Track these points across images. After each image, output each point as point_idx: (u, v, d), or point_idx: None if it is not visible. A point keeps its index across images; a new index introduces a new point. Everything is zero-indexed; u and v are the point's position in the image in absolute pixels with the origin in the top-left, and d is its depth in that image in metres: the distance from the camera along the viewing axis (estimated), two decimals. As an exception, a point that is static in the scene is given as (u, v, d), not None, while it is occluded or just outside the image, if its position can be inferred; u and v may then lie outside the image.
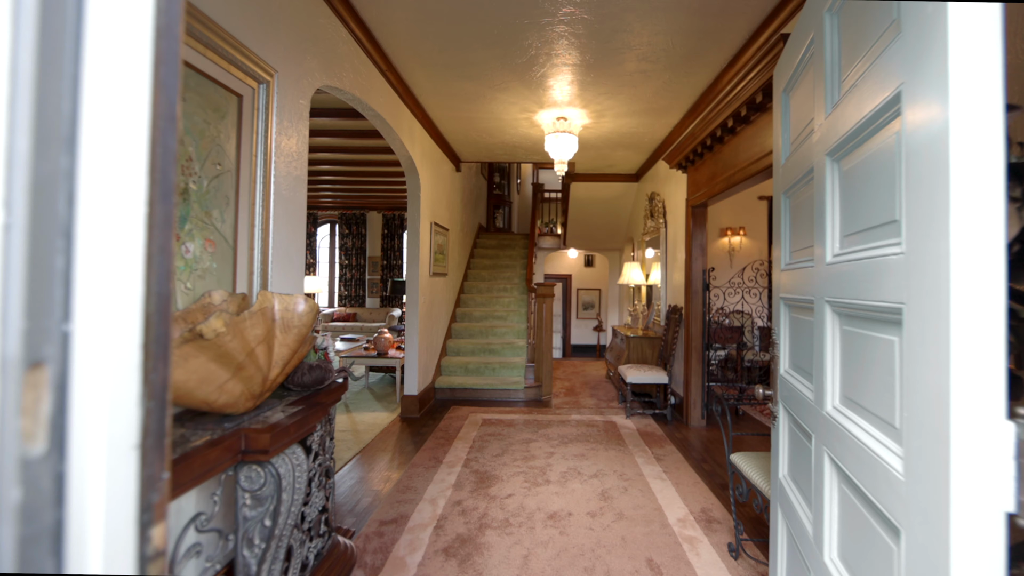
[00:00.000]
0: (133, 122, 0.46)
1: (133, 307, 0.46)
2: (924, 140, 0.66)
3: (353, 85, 2.82)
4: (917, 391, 0.68)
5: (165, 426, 0.49)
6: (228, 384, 1.24)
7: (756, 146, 3.01)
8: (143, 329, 0.46)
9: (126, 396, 0.45)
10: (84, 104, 0.43)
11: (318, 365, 1.74)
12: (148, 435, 0.47)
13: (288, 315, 1.39)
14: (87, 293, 0.42)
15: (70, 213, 0.43)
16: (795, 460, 1.39)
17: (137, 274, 0.46)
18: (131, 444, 0.45)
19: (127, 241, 0.45)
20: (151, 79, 0.48)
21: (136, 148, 0.47)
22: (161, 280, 0.49)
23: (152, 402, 0.48)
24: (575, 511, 2.52)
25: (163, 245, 0.50)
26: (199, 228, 1.52)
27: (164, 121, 0.49)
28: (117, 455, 0.44)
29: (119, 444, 0.44)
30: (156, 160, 0.49)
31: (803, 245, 1.34)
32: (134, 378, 0.46)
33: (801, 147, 1.34)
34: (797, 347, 1.38)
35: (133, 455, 0.45)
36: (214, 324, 1.12)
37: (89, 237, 0.43)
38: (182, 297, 1.45)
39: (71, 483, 0.41)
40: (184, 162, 1.46)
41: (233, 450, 1.24)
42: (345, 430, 3.88)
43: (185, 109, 1.46)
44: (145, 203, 0.47)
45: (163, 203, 0.50)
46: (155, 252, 0.48)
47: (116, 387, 0.44)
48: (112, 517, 0.43)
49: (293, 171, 2.13)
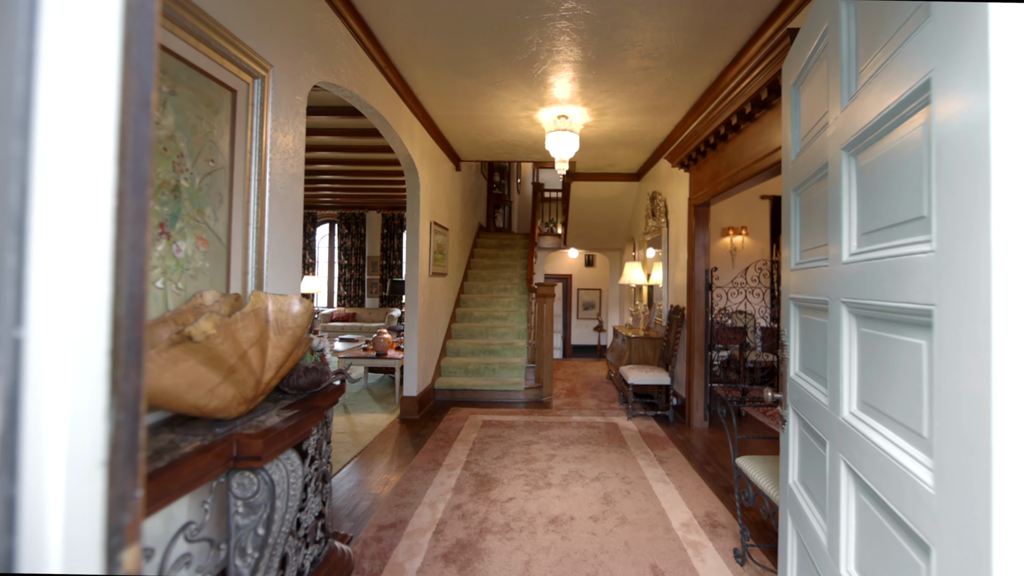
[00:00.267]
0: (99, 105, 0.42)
1: (98, 310, 0.41)
2: (959, 129, 0.62)
3: (351, 82, 2.77)
4: (950, 399, 0.63)
5: (139, 439, 0.45)
6: (219, 388, 1.20)
7: (761, 144, 2.97)
8: (111, 334, 0.42)
9: (91, 409, 0.41)
10: (41, 83, 0.38)
11: (314, 367, 1.70)
12: (118, 450, 0.42)
13: (282, 316, 1.35)
14: (43, 295, 0.38)
15: (23, 205, 0.38)
16: (806, 466, 1.34)
17: (103, 273, 0.42)
18: (97, 461, 0.40)
19: (91, 237, 0.41)
20: (120, 59, 0.43)
21: (102, 134, 0.42)
22: (133, 280, 0.44)
23: (123, 414, 0.43)
24: (577, 515, 2.48)
25: (135, 241, 0.45)
26: (191, 226, 1.48)
27: (136, 106, 0.45)
28: (80, 474, 0.40)
29: (82, 462, 0.40)
30: (127, 148, 0.45)
31: (815, 244, 1.29)
32: (100, 388, 0.41)
33: (813, 142, 1.29)
34: (809, 349, 1.34)
35: (99, 473, 0.40)
36: (203, 326, 1.07)
37: (46, 232, 0.39)
38: (173, 298, 1.40)
39: (23, 508, 0.36)
40: (175, 158, 1.41)
41: (225, 456, 1.19)
42: (343, 432, 3.83)
43: (176, 103, 1.42)
44: (113, 195, 0.43)
45: (135, 195, 0.45)
46: (126, 249, 0.44)
47: (78, 399, 0.40)
48: (73, 543, 0.38)
49: (289, 168, 2.08)
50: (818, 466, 1.22)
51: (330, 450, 1.90)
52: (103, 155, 0.41)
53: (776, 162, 2.80)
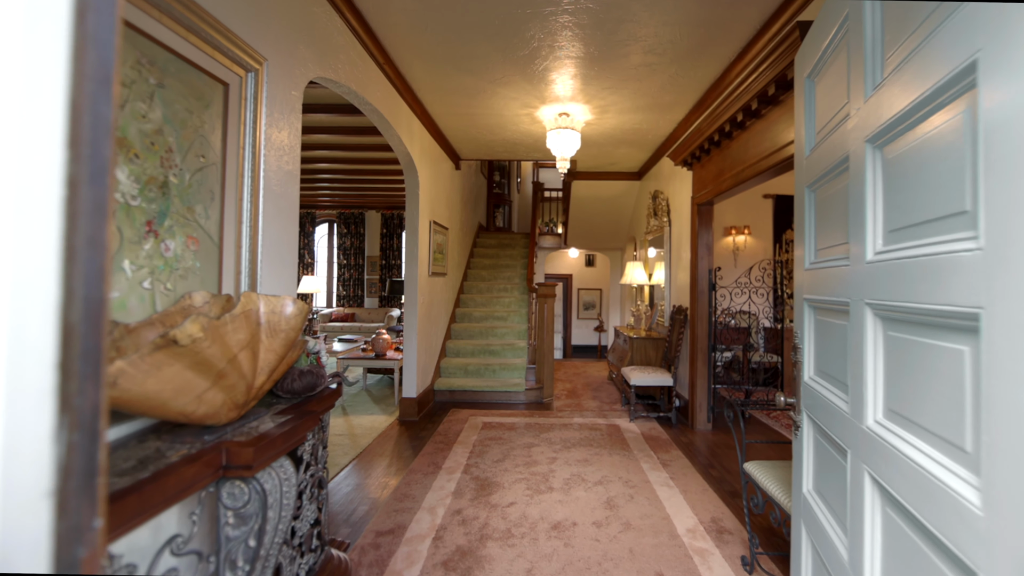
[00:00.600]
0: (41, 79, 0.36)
1: (43, 316, 0.35)
2: (1012, 115, 0.56)
3: (349, 78, 2.71)
4: (1002, 412, 0.57)
5: (97, 462, 0.39)
6: (208, 394, 1.14)
7: (767, 141, 2.91)
8: (60, 344, 0.36)
9: (33, 430, 0.35)
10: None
11: (309, 370, 1.64)
12: (71, 476, 0.36)
13: (275, 318, 1.29)
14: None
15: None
16: (823, 475, 1.29)
17: (50, 274, 0.36)
18: (42, 491, 0.34)
19: (32, 231, 0.35)
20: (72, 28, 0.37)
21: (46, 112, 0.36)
22: (91, 281, 0.38)
23: (77, 434, 0.37)
24: (580, 520, 2.42)
25: (93, 237, 0.39)
26: (180, 225, 1.42)
27: (94, 84, 0.39)
28: (18, 507, 0.34)
29: (21, 493, 0.34)
30: (81, 130, 0.39)
31: (833, 243, 1.24)
32: (46, 406, 0.35)
33: (831, 136, 1.23)
34: (825, 352, 1.28)
35: (45, 505, 0.34)
36: (190, 329, 1.01)
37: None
38: (161, 298, 1.34)
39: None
40: (164, 153, 1.35)
41: (214, 465, 1.14)
42: (341, 434, 3.77)
43: (164, 96, 1.36)
44: (63, 184, 0.37)
45: (93, 185, 0.39)
46: (81, 245, 0.38)
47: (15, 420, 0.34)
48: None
49: (284, 165, 2.02)
50: (837, 476, 1.16)
51: (326, 455, 1.84)
52: (48, 137, 0.35)
53: (783, 159, 2.74)
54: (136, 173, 1.26)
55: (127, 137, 1.23)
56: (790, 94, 2.63)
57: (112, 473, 0.97)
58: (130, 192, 1.24)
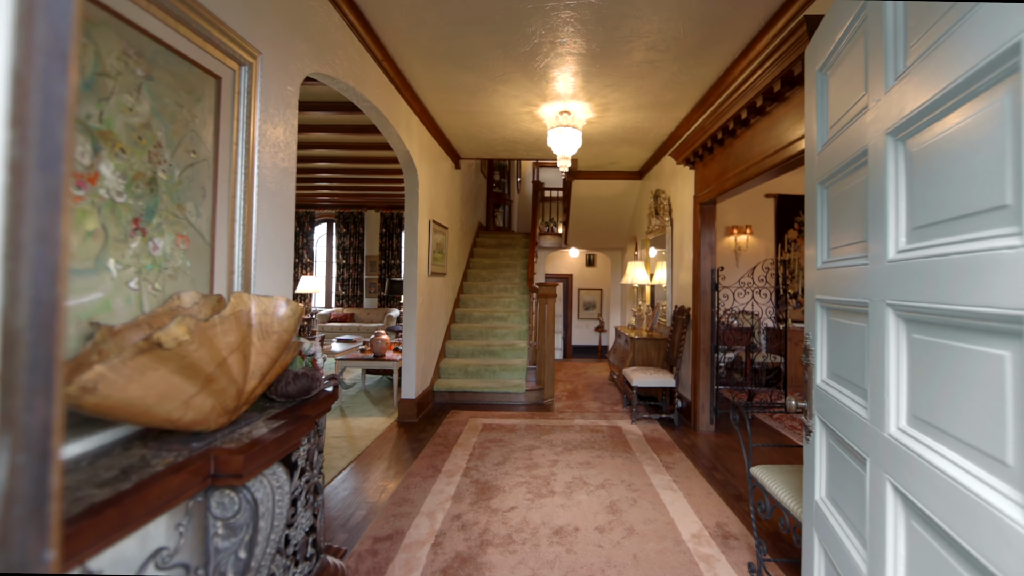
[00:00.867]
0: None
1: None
2: (1067, 98, 0.51)
3: (347, 74, 2.66)
4: (1054, 424, 0.52)
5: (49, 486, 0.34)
6: (195, 399, 1.09)
7: (772, 139, 2.86)
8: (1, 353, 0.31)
9: (-39, 454, 0.29)
10: None
11: (304, 373, 1.59)
12: (14, 504, 0.32)
13: (267, 319, 1.24)
14: None
15: None
16: (837, 482, 1.24)
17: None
18: (-27, 523, 0.29)
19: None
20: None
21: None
22: (41, 282, 0.34)
23: (23, 455, 0.33)
24: (582, 526, 2.37)
25: (44, 231, 0.34)
26: (170, 222, 1.37)
27: (45, 57, 0.34)
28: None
29: (-53, 527, 0.29)
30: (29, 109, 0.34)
31: (848, 241, 1.19)
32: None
33: (847, 130, 1.18)
34: (840, 355, 1.23)
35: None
36: (175, 331, 0.96)
37: None
38: (149, 299, 1.29)
39: None
40: (152, 148, 1.30)
41: (202, 474, 1.08)
42: (339, 436, 3.72)
43: (153, 89, 1.31)
44: (4, 169, 0.32)
45: (45, 172, 0.34)
46: (28, 240, 0.33)
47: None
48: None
49: (280, 162, 1.97)
50: (854, 484, 1.11)
51: (322, 460, 1.79)
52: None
53: (789, 157, 2.69)
54: (122, 168, 1.21)
55: (112, 131, 1.18)
56: (797, 90, 2.59)
57: (92, 484, 0.92)
58: (116, 188, 1.19)
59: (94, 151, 1.13)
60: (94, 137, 1.13)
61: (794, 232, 6.00)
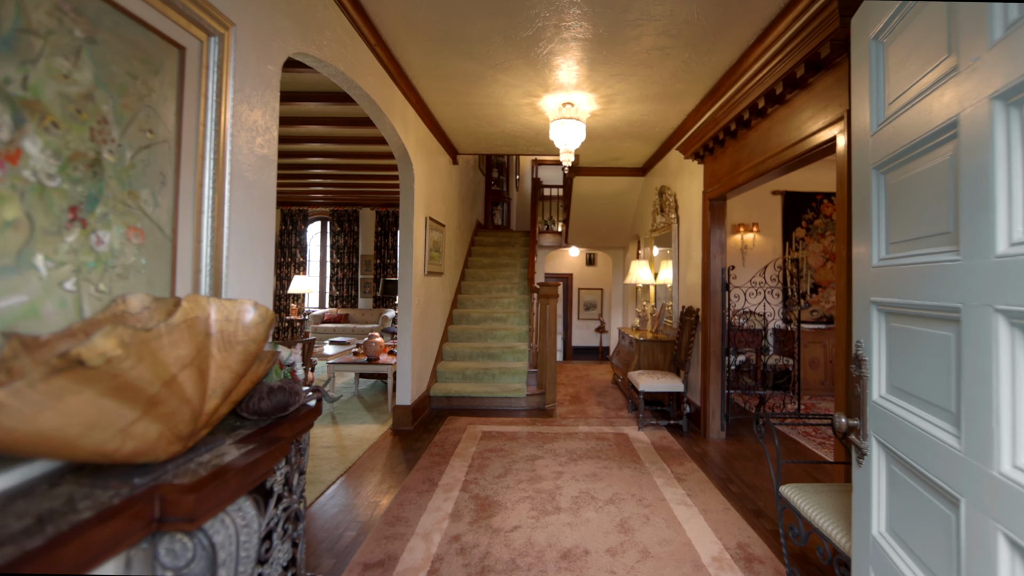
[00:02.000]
0: None
1: None
2: None
3: (336, 57, 2.46)
4: None
5: None
6: (136, 426, 0.89)
7: (792, 129, 2.68)
8: None
9: None
10: None
11: (281, 387, 1.38)
12: None
13: (230, 327, 1.04)
14: None
15: None
16: (905, 517, 1.05)
17: None
18: None
19: None
20: None
21: None
22: None
23: None
24: (592, 548, 2.17)
25: None
26: (119, 213, 1.16)
27: None
28: None
29: None
30: None
31: (921, 233, 1.00)
32: None
33: (919, 102, 1.00)
34: (907, 367, 1.05)
35: None
36: (101, 345, 0.76)
37: None
38: (91, 303, 1.09)
39: None
40: (95, 124, 1.10)
41: (144, 518, 0.89)
42: (329, 445, 3.51)
43: (97, 55, 1.10)
44: None
45: None
46: None
47: None
48: None
49: (258, 149, 1.77)
50: (935, 525, 0.92)
51: (304, 482, 1.59)
52: None
53: (811, 148, 2.51)
54: (55, 146, 1.01)
55: (41, 100, 0.98)
56: (821, 76, 2.40)
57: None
58: (45, 170, 0.99)
59: (15, 123, 0.93)
60: (14, 106, 0.93)
61: (802, 230, 5.83)
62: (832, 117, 2.31)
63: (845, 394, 2.25)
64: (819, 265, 5.75)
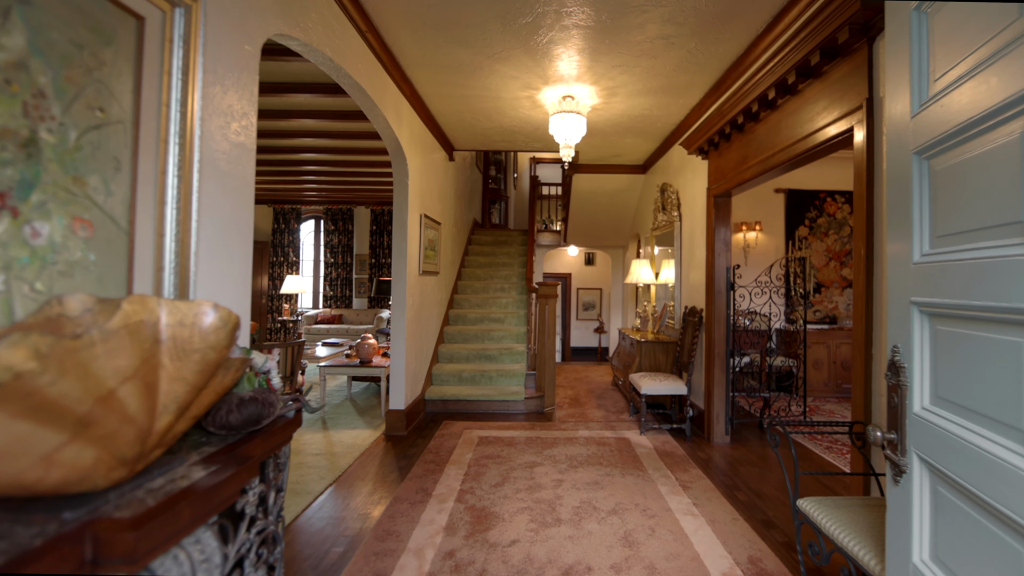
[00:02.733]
0: None
1: None
2: None
3: (322, 42, 2.31)
4: None
5: None
6: (64, 452, 0.75)
7: (805, 121, 2.55)
8: None
9: None
10: None
11: (253, 397, 1.24)
12: None
13: (184, 333, 0.89)
14: None
15: None
16: (957, 546, 0.92)
17: None
18: None
19: None
20: None
21: None
22: None
23: None
24: (595, 564, 2.04)
25: None
26: (61, 201, 1.02)
27: None
28: None
29: None
30: None
31: (981, 224, 0.87)
32: None
33: (976, 75, 0.87)
34: (961, 377, 0.92)
35: None
36: (8, 358, 0.62)
37: None
38: (24, 304, 0.95)
39: None
40: (29, 97, 0.95)
41: (72, 560, 0.74)
42: (319, 453, 3.37)
43: (32, 18, 0.96)
44: None
45: None
46: None
47: None
48: None
49: (233, 136, 1.62)
50: (999, 560, 0.80)
51: (282, 501, 1.44)
52: None
53: (823, 141, 2.38)
54: (-22, 122, 0.86)
55: (-42, 67, 0.84)
56: (837, 64, 2.27)
57: None
58: (-36, 148, 0.84)
59: (-77, 92, 0.79)
60: (-79, 72, 0.79)
61: (805, 229, 5.72)
62: (848, 107, 2.19)
63: (863, 400, 2.13)
64: (822, 264, 5.65)
